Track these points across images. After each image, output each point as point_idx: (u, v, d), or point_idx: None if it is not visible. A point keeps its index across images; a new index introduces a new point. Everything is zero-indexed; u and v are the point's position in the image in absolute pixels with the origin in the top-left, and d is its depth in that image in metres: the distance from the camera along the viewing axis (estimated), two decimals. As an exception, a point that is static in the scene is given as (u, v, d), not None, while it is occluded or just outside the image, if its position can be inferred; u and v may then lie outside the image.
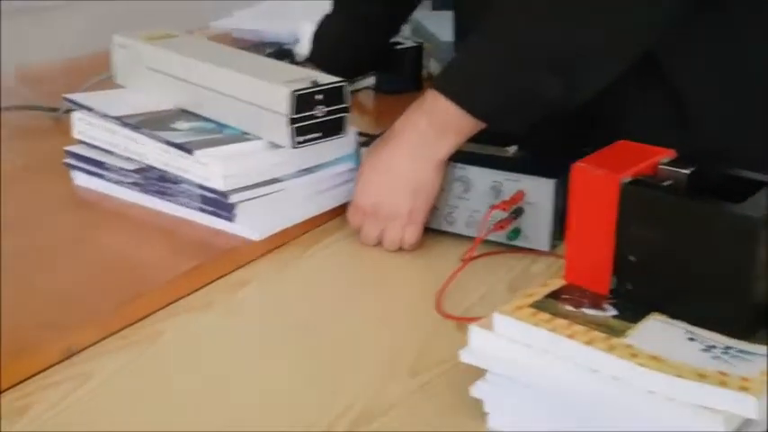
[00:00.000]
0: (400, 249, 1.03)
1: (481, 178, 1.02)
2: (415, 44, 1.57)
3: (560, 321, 0.71)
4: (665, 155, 0.78)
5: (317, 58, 1.40)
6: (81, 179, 1.13)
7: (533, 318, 0.72)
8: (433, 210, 1.05)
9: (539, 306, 0.73)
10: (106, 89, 1.22)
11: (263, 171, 1.01)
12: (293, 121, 0.99)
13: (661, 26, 0.99)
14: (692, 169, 0.75)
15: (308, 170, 1.06)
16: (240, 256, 0.98)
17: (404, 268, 1.02)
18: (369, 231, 1.02)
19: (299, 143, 1.00)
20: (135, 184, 1.07)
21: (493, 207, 0.99)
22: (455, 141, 1.00)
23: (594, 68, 0.99)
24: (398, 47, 1.56)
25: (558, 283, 0.78)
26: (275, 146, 1.02)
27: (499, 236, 1.02)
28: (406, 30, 1.78)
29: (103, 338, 0.84)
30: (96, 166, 1.10)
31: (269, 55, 1.65)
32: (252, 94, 1.03)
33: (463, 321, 0.87)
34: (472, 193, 1.03)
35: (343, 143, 1.07)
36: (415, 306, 0.93)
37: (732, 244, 0.68)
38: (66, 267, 0.94)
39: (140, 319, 0.87)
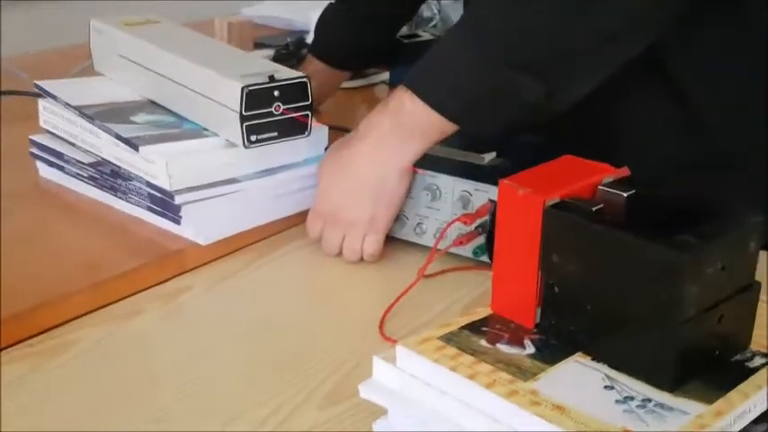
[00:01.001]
0: (362, 260, 0.96)
1: (450, 187, 0.94)
2: (432, 37, 1.49)
3: (466, 358, 0.63)
4: (609, 173, 0.69)
5: (318, 50, 1.33)
6: (43, 170, 1.08)
7: (437, 353, 0.64)
8: (402, 219, 0.97)
9: (449, 339, 0.66)
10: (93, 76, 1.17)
11: (215, 171, 0.95)
12: (245, 118, 0.92)
13: (657, 27, 0.89)
14: (631, 192, 0.65)
15: (269, 171, 0.99)
16: (183, 260, 0.92)
17: (361, 282, 0.95)
18: (329, 239, 0.95)
19: (252, 143, 0.93)
20: (90, 177, 1.02)
21: (454, 220, 0.91)
22: (422, 146, 0.93)
23: (579, 70, 0.90)
24: (414, 39, 1.48)
25: (483, 312, 0.70)
26: (233, 144, 0.96)
27: (467, 250, 0.94)
28: (436, 19, 1.71)
29: (9, 346, 0.79)
30: (56, 157, 1.06)
31: (288, 45, 1.59)
32: (208, 87, 0.97)
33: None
34: (441, 202, 0.95)
35: (311, 143, 1.00)
36: (361, 325, 0.86)
37: (658, 283, 0.59)
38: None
39: (53, 327, 0.82)
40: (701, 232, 0.60)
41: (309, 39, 1.53)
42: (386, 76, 1.50)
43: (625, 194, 0.66)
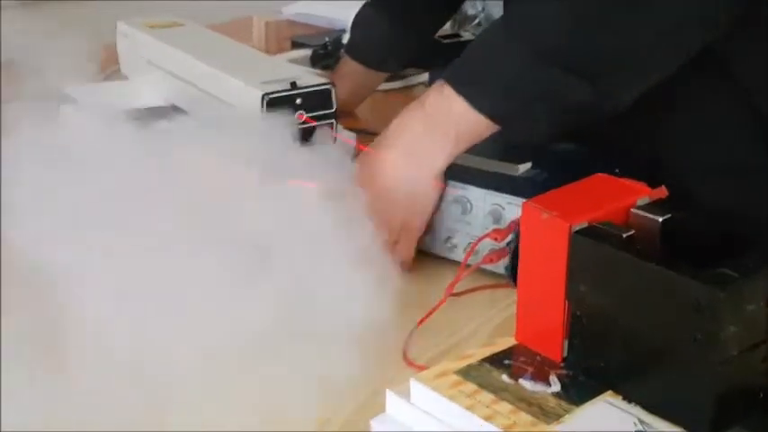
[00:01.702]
0: (390, 271, 0.91)
1: (481, 200, 0.89)
2: (473, 37, 1.44)
3: (485, 396, 0.58)
4: (645, 194, 0.63)
5: (353, 51, 1.29)
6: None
7: (453, 389, 0.59)
8: (432, 232, 0.92)
9: (468, 373, 0.61)
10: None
11: (236, 181, 0.91)
12: (265, 127, 0.88)
13: (714, 26, 0.84)
14: (667, 216, 0.60)
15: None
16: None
17: (388, 297, 0.90)
18: None
19: (273, 152, 0.89)
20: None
21: (484, 235, 0.86)
22: (456, 148, 0.88)
23: (631, 71, 0.84)
24: (455, 39, 1.43)
25: (506, 342, 0.65)
26: (254, 153, 0.92)
27: (498, 266, 0.89)
28: (480, 18, 1.65)
29: None
30: (79, 164, 1.02)
31: (326, 44, 1.54)
32: (228, 93, 0.93)
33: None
34: (472, 216, 0.90)
35: (336, 152, 0.95)
36: (385, 345, 0.81)
37: (694, 320, 0.53)
38: None
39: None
40: (741, 264, 0.54)
41: (347, 38, 1.49)
42: (425, 77, 1.45)
43: (660, 219, 0.60)
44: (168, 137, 0.81)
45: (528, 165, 0.94)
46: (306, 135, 0.91)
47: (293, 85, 0.89)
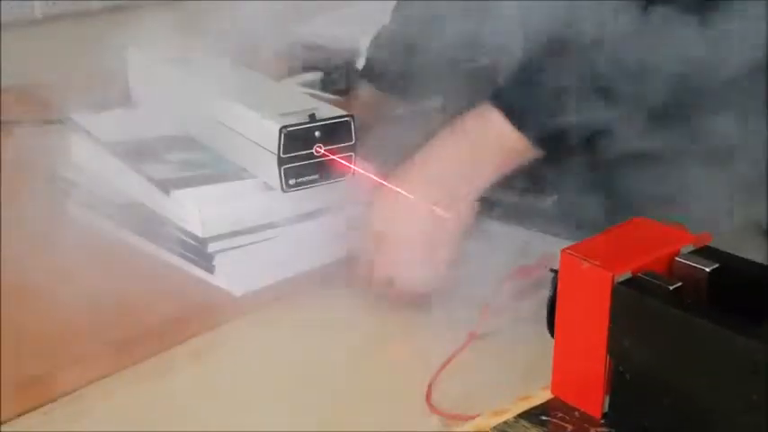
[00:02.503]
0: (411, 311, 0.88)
1: (505, 234, 0.86)
2: (488, 61, 1.41)
3: (523, 457, 0.55)
4: (688, 241, 0.60)
5: (368, 73, 1.26)
6: (74, 208, 1.02)
7: (490, 449, 0.56)
8: (455, 267, 0.89)
9: (503, 431, 0.58)
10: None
11: (252, 216, 0.88)
12: (282, 161, 0.85)
13: None
14: (715, 266, 0.57)
15: (310, 214, 0.92)
16: (215, 313, 0.85)
17: (408, 338, 0.87)
18: (378, 276, 0.86)
19: (291, 186, 0.86)
20: (122, 219, 0.96)
21: (510, 274, 0.83)
22: (495, 174, 0.84)
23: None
24: (473, 64, 1.40)
25: (543, 396, 0.62)
26: (271, 186, 0.89)
27: (523, 307, 0.86)
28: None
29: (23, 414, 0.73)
30: (86, 196, 0.99)
31: (337, 68, 1.52)
32: (244, 125, 0.90)
33: (451, 419, 0.72)
34: (496, 250, 0.87)
35: (355, 184, 0.92)
36: (406, 389, 0.78)
37: (748, 381, 0.50)
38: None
39: (71, 392, 0.75)
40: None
41: (360, 62, 1.46)
42: (438, 102, 1.42)
43: (708, 269, 0.57)
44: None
45: (555, 197, 0.91)
46: (326, 169, 0.88)
47: (312, 118, 0.86)
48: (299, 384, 0.78)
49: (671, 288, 0.55)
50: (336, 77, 1.48)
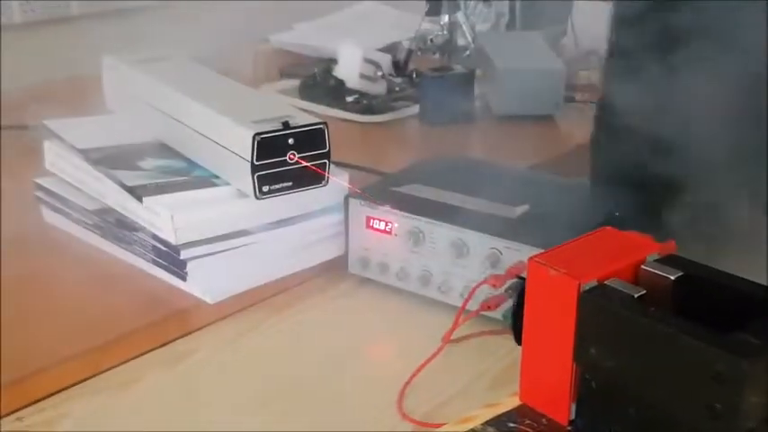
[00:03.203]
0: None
1: (477, 244, 0.87)
2: (464, 70, 1.42)
3: (489, 463, 0.56)
4: (653, 250, 0.61)
5: None
6: (48, 215, 1.02)
7: (457, 455, 0.56)
8: (426, 275, 0.90)
9: (469, 438, 0.58)
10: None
11: (226, 223, 0.88)
12: (256, 168, 0.85)
13: None
14: (680, 274, 0.58)
15: (284, 222, 0.92)
16: (187, 320, 0.86)
17: (382, 344, 0.88)
18: None
19: (264, 194, 0.86)
20: (95, 225, 0.96)
21: (481, 282, 0.83)
22: None
23: None
24: (444, 73, 1.41)
25: (510, 403, 0.62)
26: (245, 194, 0.89)
27: (496, 313, 0.86)
28: (470, 50, 1.63)
29: (-8, 421, 0.72)
30: (61, 203, 0.99)
31: (315, 75, 1.52)
32: (217, 132, 0.90)
33: (422, 426, 0.73)
34: (468, 260, 0.88)
35: (330, 191, 0.93)
36: (380, 396, 0.79)
37: (712, 390, 0.51)
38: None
39: (43, 398, 0.75)
40: (762, 329, 0.52)
41: (337, 68, 1.46)
42: (414, 110, 1.43)
43: (673, 277, 0.58)
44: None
45: (525, 207, 0.91)
46: (299, 176, 0.88)
47: (285, 125, 0.86)
48: (271, 392, 0.78)
49: (635, 296, 0.56)
50: (313, 84, 1.49)
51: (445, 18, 1.64)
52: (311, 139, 0.88)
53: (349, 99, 1.44)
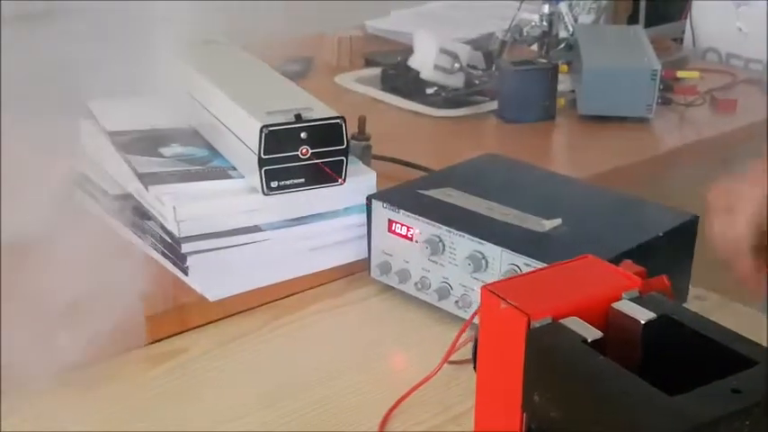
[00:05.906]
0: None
1: (497, 258, 0.80)
2: (548, 65, 1.33)
3: None
4: (635, 286, 0.53)
5: None
6: (80, 196, 1.00)
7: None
8: (445, 288, 0.84)
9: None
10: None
11: (234, 218, 0.84)
12: (264, 162, 0.80)
13: None
14: (652, 317, 0.50)
15: (299, 220, 0.87)
16: (184, 316, 0.82)
17: (385, 356, 0.82)
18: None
19: (272, 189, 0.81)
20: (116, 210, 0.93)
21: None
22: None
23: None
24: (526, 67, 1.32)
25: (466, 443, 0.56)
26: (256, 189, 0.84)
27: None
28: (571, 41, 1.53)
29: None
30: (90, 185, 0.97)
31: (398, 64, 1.46)
32: (234, 122, 0.85)
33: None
34: (487, 274, 0.81)
35: (352, 190, 0.87)
36: (372, 413, 0.73)
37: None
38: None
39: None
40: (731, 386, 0.43)
41: (412, 58, 1.39)
42: (492, 105, 1.35)
43: (643, 321, 0.50)
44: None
45: (557, 221, 0.83)
46: (312, 173, 0.83)
47: (298, 118, 0.81)
48: (258, 402, 0.74)
49: (589, 339, 0.48)
50: (394, 74, 1.43)
51: (545, 8, 1.55)
52: (327, 135, 0.82)
53: (429, 91, 1.38)
